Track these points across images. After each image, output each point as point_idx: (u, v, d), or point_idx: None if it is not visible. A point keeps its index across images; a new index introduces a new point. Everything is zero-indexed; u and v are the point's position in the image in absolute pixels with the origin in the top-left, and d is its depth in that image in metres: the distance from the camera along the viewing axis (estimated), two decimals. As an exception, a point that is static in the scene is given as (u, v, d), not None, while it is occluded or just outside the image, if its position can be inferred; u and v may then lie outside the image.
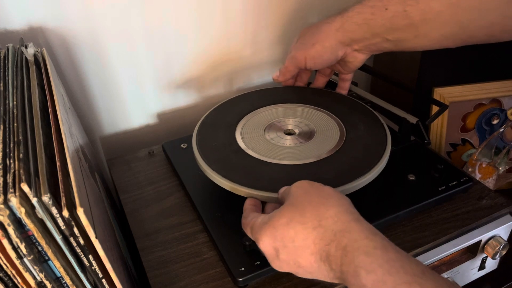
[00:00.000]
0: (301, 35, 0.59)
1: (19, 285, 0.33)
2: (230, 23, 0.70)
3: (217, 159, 0.51)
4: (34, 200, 0.29)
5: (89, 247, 0.33)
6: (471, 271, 0.57)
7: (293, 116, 0.59)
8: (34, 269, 0.32)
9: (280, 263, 0.39)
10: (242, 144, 0.54)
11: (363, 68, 0.67)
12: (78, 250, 0.33)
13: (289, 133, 0.56)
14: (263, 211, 0.45)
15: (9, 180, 0.30)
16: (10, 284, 0.32)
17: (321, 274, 0.37)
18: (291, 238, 0.37)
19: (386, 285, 0.31)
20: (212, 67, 0.73)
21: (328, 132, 0.55)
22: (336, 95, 0.64)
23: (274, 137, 0.55)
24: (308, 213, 0.37)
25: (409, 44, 0.51)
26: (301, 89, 0.65)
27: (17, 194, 0.28)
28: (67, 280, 0.33)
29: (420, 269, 0.32)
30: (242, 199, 0.47)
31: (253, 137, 0.55)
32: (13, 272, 0.32)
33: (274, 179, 0.47)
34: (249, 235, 0.42)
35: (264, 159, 0.51)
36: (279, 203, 0.43)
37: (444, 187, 0.52)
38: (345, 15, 0.54)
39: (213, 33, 0.70)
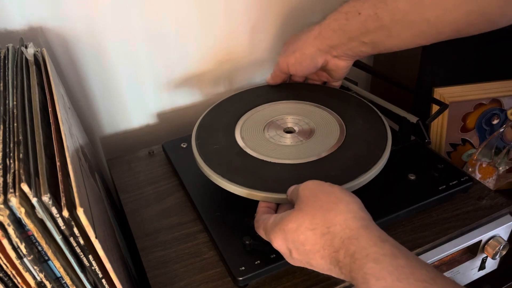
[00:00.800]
0: (286, 43, 0.62)
1: (19, 285, 0.33)
2: (231, 23, 0.70)
3: (220, 163, 0.50)
4: (34, 200, 0.29)
5: (89, 247, 0.33)
6: (471, 271, 0.57)
7: (291, 113, 0.59)
8: (34, 269, 0.32)
9: (294, 261, 0.40)
10: (243, 145, 0.53)
11: (363, 68, 0.67)
12: (78, 250, 0.33)
13: (289, 131, 0.56)
14: (276, 211, 0.45)
15: (9, 180, 0.30)
16: (10, 284, 0.32)
17: (333, 274, 0.37)
18: (301, 242, 0.38)
19: None
20: (213, 67, 0.73)
21: (328, 129, 0.55)
22: (330, 89, 0.64)
23: (274, 135, 0.55)
24: (317, 219, 0.37)
25: (384, 46, 0.53)
26: (296, 85, 0.65)
27: (17, 194, 0.28)
28: (67, 280, 0.33)
29: (430, 275, 0.32)
30: (242, 198, 0.47)
31: (253, 137, 0.55)
32: (13, 272, 0.32)
33: (282, 180, 0.47)
34: (263, 236, 0.42)
35: (268, 159, 0.50)
36: (290, 203, 0.43)
37: (444, 187, 0.52)
38: (323, 23, 0.56)
39: (214, 32, 0.70)
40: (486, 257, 0.55)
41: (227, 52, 0.73)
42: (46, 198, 0.29)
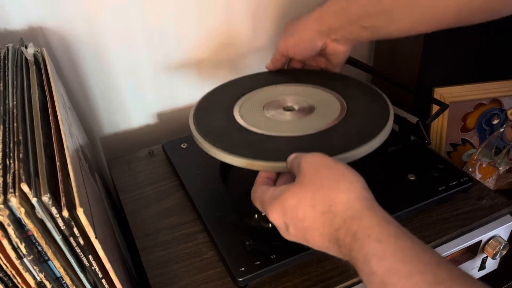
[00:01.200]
0: (286, 25, 0.61)
1: (19, 285, 0.33)
2: (231, 21, 0.70)
3: (220, 139, 0.49)
4: (34, 200, 0.29)
5: (89, 247, 0.33)
6: (471, 271, 0.57)
7: (290, 94, 0.58)
8: (34, 269, 0.32)
9: (290, 236, 0.38)
10: (242, 123, 0.52)
11: (363, 68, 0.67)
12: (78, 250, 0.33)
13: (289, 109, 0.55)
14: (275, 183, 0.44)
15: (9, 180, 0.30)
16: (10, 284, 0.32)
17: (330, 252, 0.36)
18: (300, 219, 0.36)
19: (399, 274, 0.30)
20: (212, 68, 0.73)
21: (328, 106, 0.54)
22: (329, 73, 0.62)
23: (274, 114, 0.54)
24: (318, 196, 0.36)
25: (385, 31, 0.52)
26: (295, 71, 0.64)
27: (17, 194, 0.28)
28: (67, 280, 0.33)
29: (435, 259, 0.31)
30: (241, 198, 0.47)
31: (253, 115, 0.53)
32: (13, 272, 0.32)
33: (283, 150, 0.45)
34: (259, 207, 0.41)
35: (268, 133, 0.49)
36: (290, 174, 0.42)
37: (444, 187, 0.52)
38: (324, 5, 0.55)
39: (213, 32, 0.70)
40: (486, 257, 0.55)
41: (228, 43, 0.72)
42: (46, 198, 0.29)
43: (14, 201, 0.28)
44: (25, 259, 0.31)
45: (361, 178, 0.37)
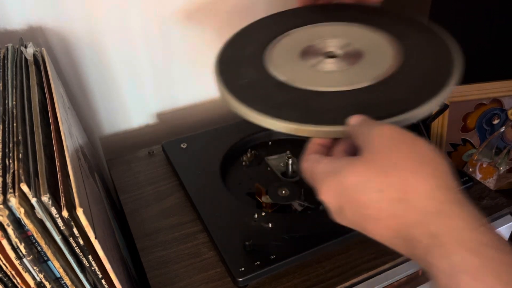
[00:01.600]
0: None
1: (18, 286, 0.33)
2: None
3: (257, 99, 0.41)
4: (33, 200, 0.29)
5: (88, 248, 0.33)
6: (472, 271, 0.56)
7: (329, 36, 0.47)
8: (34, 270, 0.32)
9: (342, 220, 0.32)
10: (281, 76, 0.43)
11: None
12: (77, 250, 0.32)
13: (332, 56, 0.45)
14: (332, 151, 0.36)
15: (9, 180, 0.30)
16: (10, 285, 0.32)
17: (395, 248, 0.29)
18: (362, 204, 0.29)
19: None
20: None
21: (379, 49, 0.44)
22: (371, 7, 0.51)
23: (314, 62, 0.44)
24: (391, 179, 0.28)
25: None
26: (327, 7, 0.52)
27: (16, 194, 0.28)
28: (66, 280, 0.33)
29: None
30: (241, 198, 0.47)
31: (290, 66, 0.44)
32: (13, 272, 0.32)
33: (337, 110, 0.37)
34: (309, 181, 0.34)
35: (315, 88, 0.40)
36: (352, 139, 0.34)
37: (444, 187, 0.52)
38: None
39: (214, 31, 0.69)
40: (487, 257, 0.55)
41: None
42: (45, 198, 0.29)
43: (13, 201, 0.28)
44: (24, 259, 0.31)
45: (447, 161, 0.30)
